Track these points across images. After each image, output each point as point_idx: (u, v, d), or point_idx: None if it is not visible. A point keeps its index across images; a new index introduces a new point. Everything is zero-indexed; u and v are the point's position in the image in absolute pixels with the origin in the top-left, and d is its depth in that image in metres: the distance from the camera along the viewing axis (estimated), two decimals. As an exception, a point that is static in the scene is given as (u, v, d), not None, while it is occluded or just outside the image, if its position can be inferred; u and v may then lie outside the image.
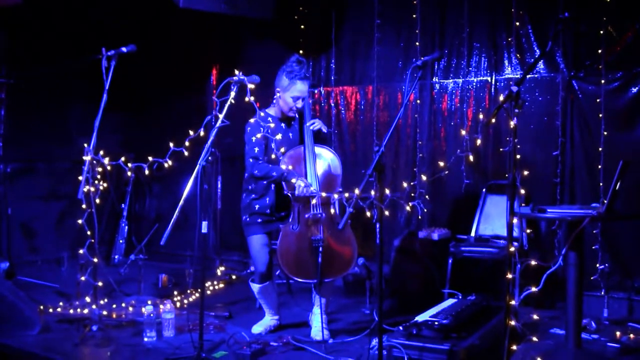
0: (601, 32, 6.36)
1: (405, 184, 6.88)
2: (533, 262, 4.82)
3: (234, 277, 8.12)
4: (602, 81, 6.37)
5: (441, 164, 4.90)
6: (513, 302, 4.23)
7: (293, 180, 5.43)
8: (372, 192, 4.40)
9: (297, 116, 5.87)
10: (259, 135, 5.54)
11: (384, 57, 7.65)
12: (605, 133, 6.35)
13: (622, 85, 6.33)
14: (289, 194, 5.49)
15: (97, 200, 5.91)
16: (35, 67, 8.01)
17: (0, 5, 7.11)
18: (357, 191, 4.37)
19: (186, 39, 8.78)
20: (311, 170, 5.58)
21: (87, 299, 6.38)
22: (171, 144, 5.35)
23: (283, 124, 5.80)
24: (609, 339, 5.54)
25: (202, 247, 5.13)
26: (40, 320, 5.85)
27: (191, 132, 5.15)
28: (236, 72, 5.04)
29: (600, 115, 6.37)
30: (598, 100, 6.39)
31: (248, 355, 5.12)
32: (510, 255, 4.20)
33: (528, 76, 6.51)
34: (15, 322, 5.71)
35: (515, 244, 4.36)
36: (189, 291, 7.25)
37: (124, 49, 5.92)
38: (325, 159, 5.71)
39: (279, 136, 5.62)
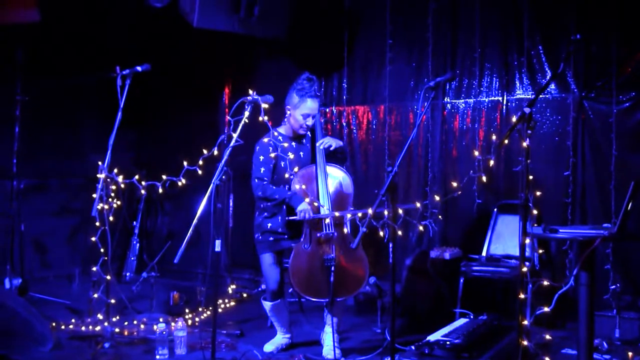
0: (612, 53, 6.40)
1: (417, 204, 6.89)
2: (545, 282, 4.82)
3: (245, 295, 8.13)
4: (614, 101, 6.40)
5: (453, 184, 4.90)
6: (525, 322, 4.22)
7: (298, 208, 5.48)
8: (385, 212, 4.41)
9: (309, 134, 5.90)
10: (271, 155, 5.58)
11: (395, 76, 7.67)
12: (617, 153, 6.37)
13: (633, 106, 6.36)
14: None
15: (111, 218, 5.96)
16: (49, 85, 8.08)
17: (17, 22, 7.18)
18: (370, 211, 4.39)
19: (199, 58, 8.83)
20: (323, 189, 5.60)
21: (100, 316, 6.41)
22: (185, 163, 5.38)
23: (294, 143, 5.83)
24: (621, 359, 5.53)
25: (215, 265, 5.15)
26: (52, 336, 5.87)
27: (204, 151, 5.18)
28: (250, 91, 5.07)
29: (612, 135, 6.40)
30: (609, 120, 6.42)
31: (260, 373, 5.15)
32: (522, 275, 4.21)
33: (539, 97, 6.53)
34: (28, 338, 5.72)
35: (527, 263, 4.38)
36: (200, 309, 7.26)
37: (138, 68, 5.98)
38: (336, 177, 5.74)
39: (291, 155, 5.64)
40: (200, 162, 5.27)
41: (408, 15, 7.57)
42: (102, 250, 5.93)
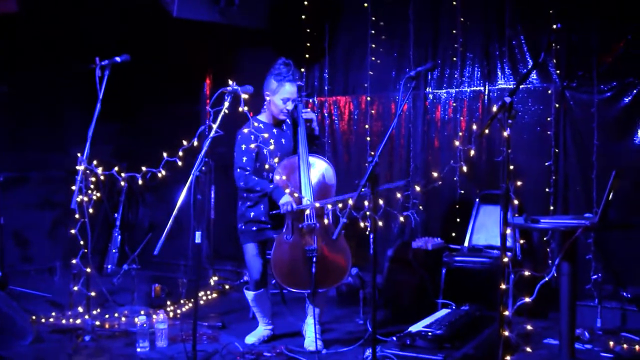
0: (593, 42, 6.40)
1: (398, 194, 6.89)
2: (526, 273, 4.82)
3: (227, 287, 8.10)
4: (595, 91, 6.40)
5: (435, 174, 4.90)
6: (507, 313, 4.22)
7: (281, 202, 5.45)
8: (366, 203, 4.40)
9: (288, 121, 5.87)
10: (251, 145, 5.53)
11: (377, 67, 7.65)
12: (598, 143, 6.38)
13: (615, 95, 6.37)
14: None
15: (90, 210, 5.91)
16: (28, 76, 8.00)
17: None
18: (350, 201, 4.37)
19: (179, 49, 8.75)
20: (305, 179, 5.58)
21: (80, 309, 6.36)
22: (165, 154, 5.34)
23: (275, 130, 5.80)
24: (602, 349, 5.55)
25: (196, 257, 5.12)
26: (32, 330, 5.83)
27: (184, 142, 5.15)
28: (230, 82, 5.04)
29: (593, 125, 6.40)
30: (591, 110, 6.42)
31: (241, 365, 5.12)
32: (504, 266, 4.20)
33: (521, 86, 6.53)
34: (8, 332, 5.68)
35: (509, 254, 4.38)
36: (182, 301, 7.23)
37: (117, 59, 5.94)
38: (319, 168, 5.71)
39: (272, 145, 5.60)
40: (180, 154, 5.23)
41: (389, 6, 7.54)
42: (82, 242, 5.89)
